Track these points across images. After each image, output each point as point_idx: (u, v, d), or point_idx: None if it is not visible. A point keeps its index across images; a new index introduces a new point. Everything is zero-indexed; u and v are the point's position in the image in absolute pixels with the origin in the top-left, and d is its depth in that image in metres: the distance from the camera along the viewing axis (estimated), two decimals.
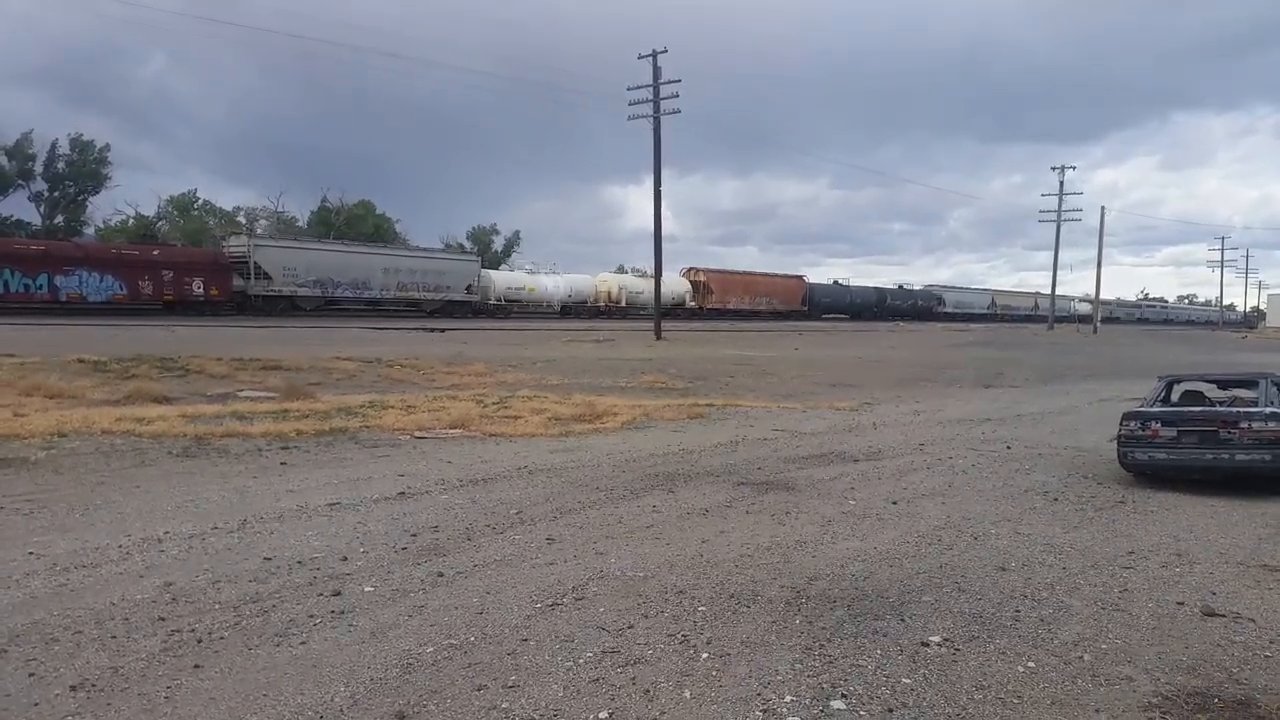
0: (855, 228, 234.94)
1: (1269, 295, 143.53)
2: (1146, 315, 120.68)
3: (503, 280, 57.13)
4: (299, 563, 6.62)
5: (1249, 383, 12.09)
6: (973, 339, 52.40)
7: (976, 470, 11.26)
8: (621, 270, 70.00)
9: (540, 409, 15.74)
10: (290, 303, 44.22)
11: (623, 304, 61.21)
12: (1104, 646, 5.30)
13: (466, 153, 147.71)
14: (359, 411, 14.38)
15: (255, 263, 42.76)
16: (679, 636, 5.29)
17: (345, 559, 6.74)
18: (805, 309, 72.89)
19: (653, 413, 16.16)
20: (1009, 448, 13.21)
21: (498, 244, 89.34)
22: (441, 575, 6.37)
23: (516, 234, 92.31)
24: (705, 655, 5.01)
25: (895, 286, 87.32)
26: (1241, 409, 10.63)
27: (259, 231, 63.97)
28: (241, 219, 75.57)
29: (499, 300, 54.75)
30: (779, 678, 4.72)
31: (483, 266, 57.40)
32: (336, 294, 46.69)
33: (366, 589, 6.05)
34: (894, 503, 9.20)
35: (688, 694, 4.52)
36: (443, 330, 37.30)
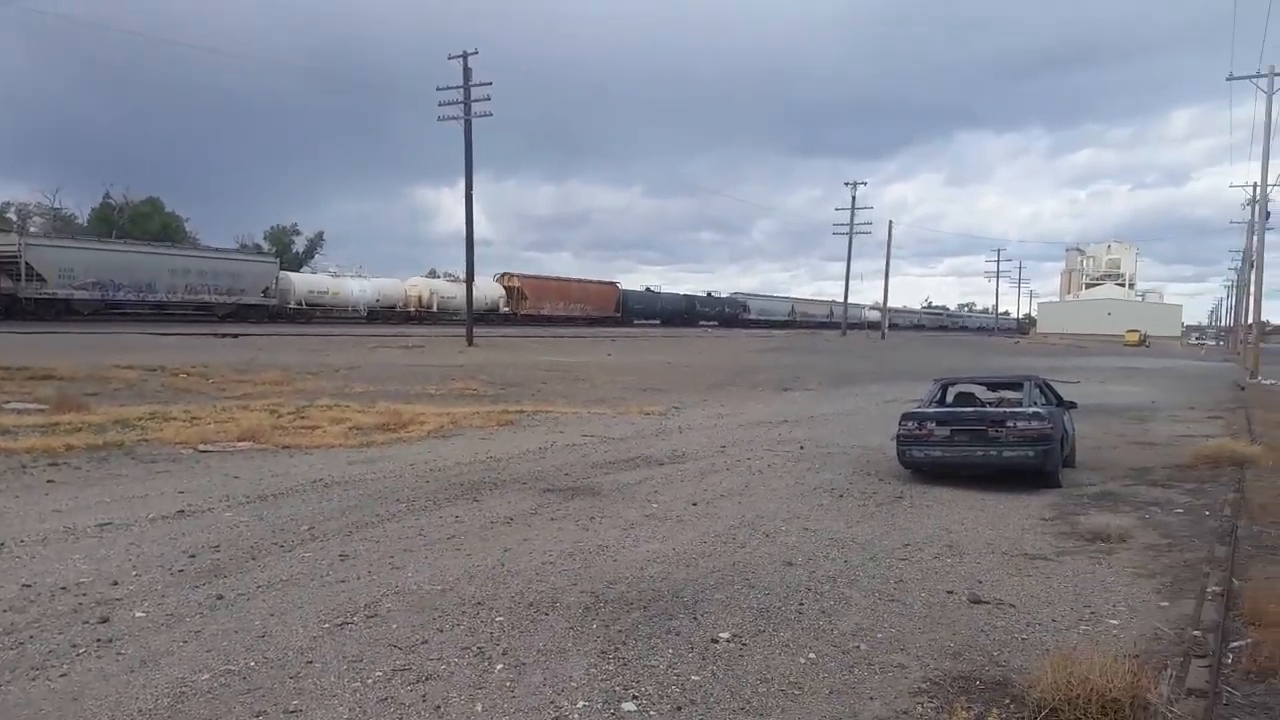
0: (666, 236, 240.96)
1: (1039, 304, 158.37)
2: (930, 322, 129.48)
3: (304, 283, 54.67)
4: (63, 589, 6.11)
5: (1014, 385, 13.14)
6: (774, 344, 54.63)
7: (772, 470, 11.74)
8: (433, 274, 68.33)
9: (340, 418, 15.16)
10: (66, 306, 40.76)
11: (434, 309, 59.92)
12: (880, 635, 5.63)
13: (267, 149, 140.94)
14: (138, 424, 13.40)
15: (27, 263, 39.10)
16: (474, 649, 5.22)
17: (115, 583, 6.27)
18: (619, 315, 73.80)
19: (461, 420, 15.91)
20: (802, 448, 13.85)
21: (299, 245, 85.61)
22: (221, 598, 6.02)
23: (320, 235, 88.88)
24: (500, 666, 4.97)
25: (704, 294, 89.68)
26: (1008, 409, 11.56)
27: (32, 230, 58.53)
28: (12, 215, 68.99)
29: (299, 304, 52.33)
30: (573, 684, 4.75)
31: (282, 268, 54.75)
32: (118, 297, 43.33)
33: (137, 615, 5.65)
34: (694, 504, 9.45)
35: (479, 707, 4.46)
36: (235, 335, 35.31)
